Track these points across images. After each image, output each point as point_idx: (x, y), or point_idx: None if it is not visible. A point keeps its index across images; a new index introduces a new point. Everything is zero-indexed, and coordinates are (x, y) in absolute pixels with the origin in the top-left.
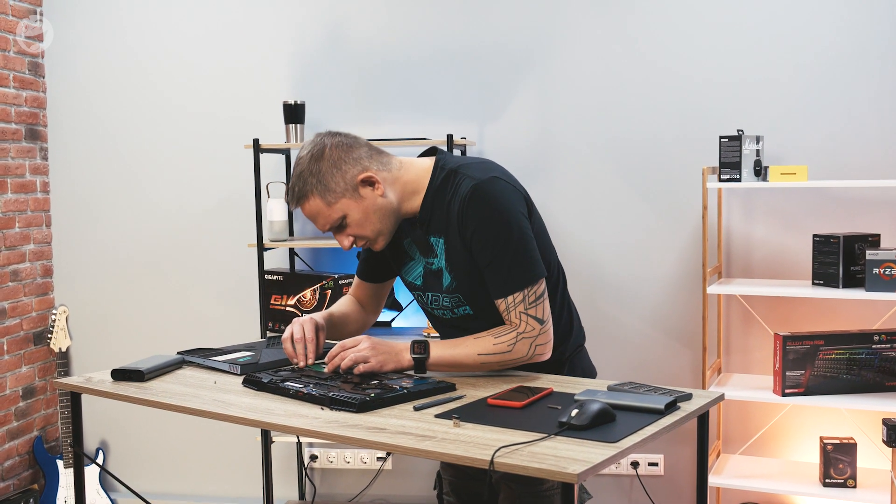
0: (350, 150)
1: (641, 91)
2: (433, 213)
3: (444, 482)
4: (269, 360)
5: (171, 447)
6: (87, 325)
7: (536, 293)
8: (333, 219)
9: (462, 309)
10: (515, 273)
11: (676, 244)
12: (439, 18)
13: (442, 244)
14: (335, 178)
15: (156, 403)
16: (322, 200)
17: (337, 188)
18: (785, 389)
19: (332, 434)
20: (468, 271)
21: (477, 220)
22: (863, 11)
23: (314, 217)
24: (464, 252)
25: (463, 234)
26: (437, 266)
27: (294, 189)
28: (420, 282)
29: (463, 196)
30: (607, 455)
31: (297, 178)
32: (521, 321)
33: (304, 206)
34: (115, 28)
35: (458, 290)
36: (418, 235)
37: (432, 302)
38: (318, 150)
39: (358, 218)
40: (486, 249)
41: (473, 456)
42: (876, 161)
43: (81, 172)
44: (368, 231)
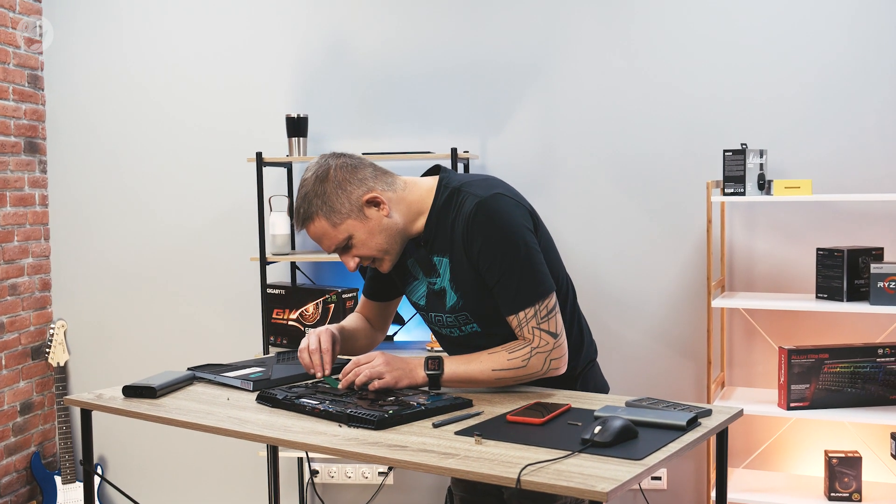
0: (355, 171)
1: (644, 105)
2: (437, 233)
3: (455, 498)
4: (281, 375)
5: (168, 462)
6: (85, 339)
7: (548, 307)
8: (339, 240)
9: (469, 327)
10: (525, 289)
11: (679, 258)
12: (442, 33)
13: (446, 263)
14: (340, 199)
15: (170, 421)
16: (328, 222)
17: (342, 209)
18: (790, 403)
19: (354, 452)
20: (475, 289)
21: (483, 237)
22: (866, 26)
23: (319, 238)
24: (470, 270)
25: (469, 252)
26: (439, 286)
27: (299, 211)
28: (423, 302)
29: (467, 214)
30: (635, 472)
31: (301, 200)
32: (534, 336)
33: (309, 228)
34: (116, 41)
35: (464, 309)
36: (422, 255)
37: (437, 321)
38: (323, 171)
39: (363, 238)
40: (495, 267)
41: (499, 474)
42: (880, 175)
43: (80, 186)
44: (374, 251)
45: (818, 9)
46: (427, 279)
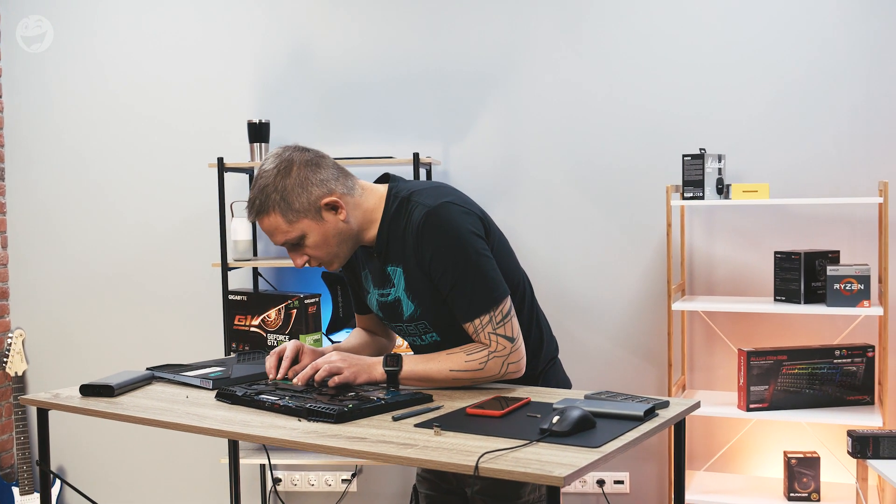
0: (317, 170)
1: (604, 112)
2: (389, 243)
3: (420, 496)
4: (241, 374)
5: (128, 472)
6: (44, 348)
7: (503, 312)
8: (291, 237)
9: (429, 336)
10: (479, 296)
11: (640, 263)
12: (405, 41)
13: (400, 273)
14: (300, 198)
15: (128, 418)
16: (283, 218)
17: (300, 208)
18: (749, 404)
19: (313, 444)
20: (430, 298)
21: (433, 247)
22: (820, 37)
23: (271, 232)
24: (424, 279)
25: (421, 262)
26: (393, 297)
27: (255, 202)
28: (381, 314)
29: (416, 224)
30: (591, 459)
31: (259, 191)
32: (491, 341)
33: (262, 220)
34: (77, 48)
35: (422, 318)
36: (375, 266)
37: (398, 330)
38: (286, 166)
39: (316, 240)
40: (447, 276)
41: (458, 462)
42: (835, 180)
43: (39, 194)
44: (324, 254)
45: (776, 19)
46: (378, 290)
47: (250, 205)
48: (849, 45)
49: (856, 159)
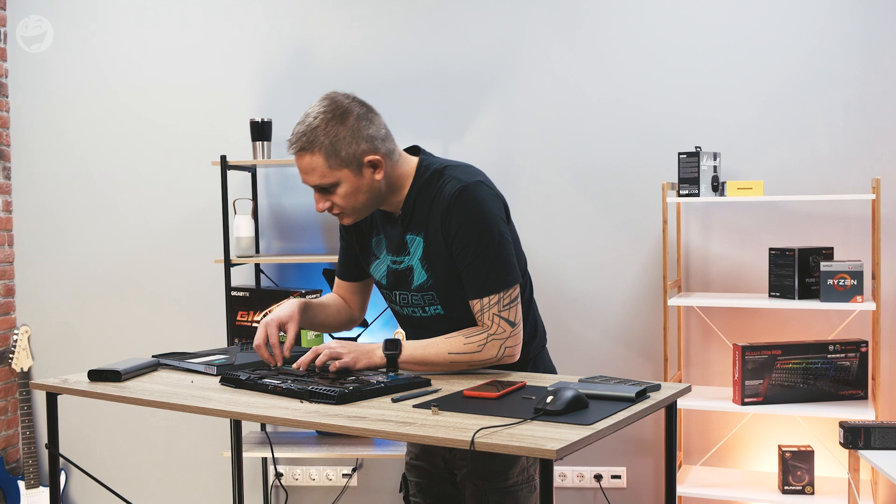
0: (369, 126)
1: (600, 111)
2: (414, 211)
3: (409, 484)
4: (244, 362)
5: (132, 465)
6: (49, 344)
7: (511, 297)
8: (326, 181)
9: (433, 308)
10: (493, 276)
11: (636, 259)
12: (404, 40)
13: (420, 242)
14: (348, 148)
15: (135, 400)
16: (325, 162)
17: (345, 158)
18: (744, 398)
19: (314, 423)
20: (447, 270)
21: (461, 220)
22: (815, 36)
23: (308, 171)
24: (443, 251)
25: (446, 233)
26: (405, 265)
27: (302, 137)
28: (385, 281)
29: (449, 196)
30: (583, 435)
31: (309, 129)
32: (493, 323)
33: (303, 157)
34: (82, 48)
35: (433, 289)
36: (394, 233)
37: (401, 300)
38: (342, 112)
39: (347, 191)
40: (468, 250)
41: (454, 438)
42: (828, 177)
43: (45, 192)
44: (349, 206)
45: (771, 18)
46: (390, 257)
47: (296, 139)
48: (842, 44)
49: (849, 157)
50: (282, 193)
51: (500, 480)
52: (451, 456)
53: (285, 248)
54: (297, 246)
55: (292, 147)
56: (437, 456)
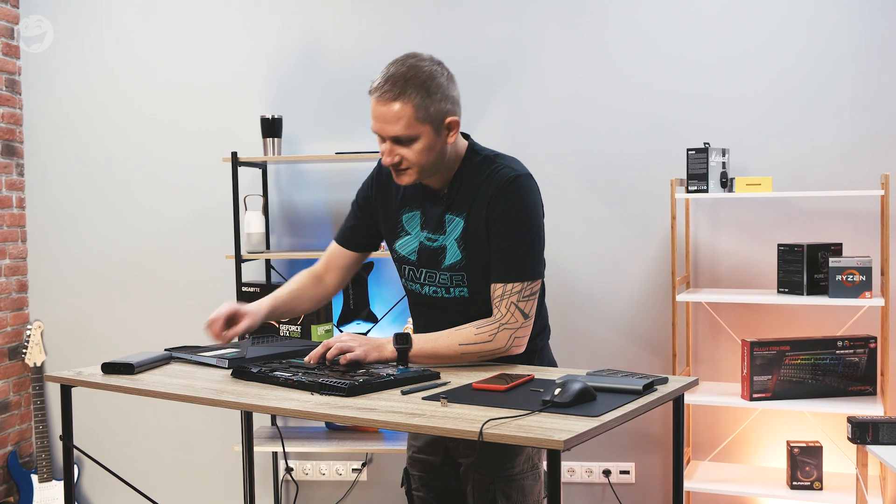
0: (455, 88)
1: (609, 107)
2: (459, 192)
3: (412, 478)
4: (256, 355)
5: (144, 460)
6: (62, 340)
7: (532, 289)
8: (405, 133)
9: (459, 290)
10: (522, 264)
11: (645, 256)
12: (413, 37)
13: (459, 223)
14: (437, 106)
15: (148, 392)
16: (413, 113)
17: (433, 114)
18: (753, 394)
19: (325, 414)
20: (482, 254)
21: (507, 206)
22: (823, 31)
23: (392, 120)
24: (484, 234)
25: (489, 215)
26: (440, 244)
27: (395, 84)
28: (415, 258)
29: (501, 182)
30: (591, 426)
31: (402, 78)
32: (508, 311)
33: (391, 104)
34: (94, 46)
35: (464, 270)
36: (434, 210)
37: (427, 279)
38: (433, 69)
39: (422, 148)
40: (505, 235)
41: (463, 429)
42: (837, 173)
43: (57, 189)
44: (418, 162)
45: (779, 15)
46: (425, 233)
47: (388, 85)
48: (850, 39)
49: (857, 152)
50: (292, 190)
51: (506, 469)
52: (455, 445)
53: (295, 244)
54: (307, 242)
55: (383, 92)
56: (440, 447)
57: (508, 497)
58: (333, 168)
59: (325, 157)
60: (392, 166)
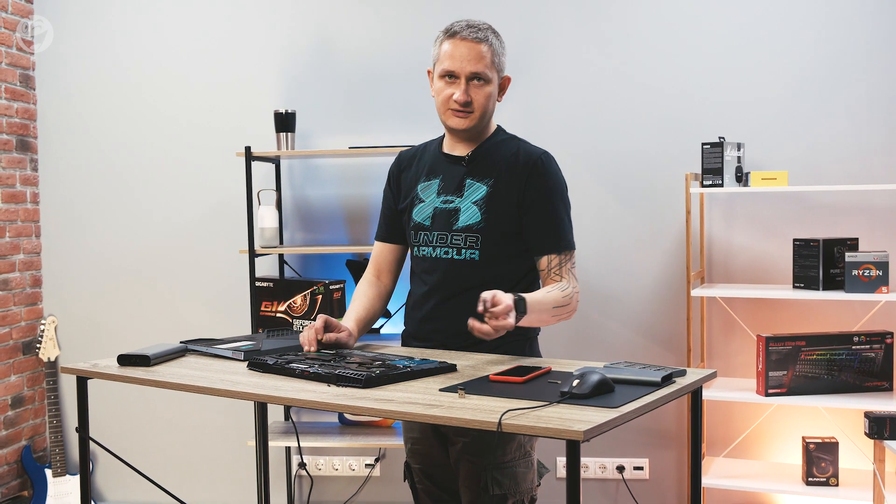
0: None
1: (624, 102)
2: (485, 159)
3: (413, 471)
4: (271, 348)
5: (157, 455)
6: (75, 334)
7: (574, 257)
8: (484, 72)
9: (469, 252)
10: (568, 237)
11: (659, 250)
12: (426, 30)
13: (482, 189)
14: (503, 59)
15: (165, 384)
16: (492, 56)
17: (500, 64)
18: (768, 390)
19: (342, 405)
20: (503, 221)
21: (546, 181)
22: (839, 25)
23: (477, 58)
24: (511, 203)
25: (525, 189)
26: (454, 205)
27: (480, 29)
28: (429, 223)
29: (533, 157)
30: (609, 417)
31: (485, 26)
32: (570, 277)
33: (478, 45)
34: (107, 40)
35: (480, 232)
36: (454, 172)
37: (439, 240)
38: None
39: (490, 92)
40: (549, 209)
41: (481, 419)
42: (852, 168)
43: (71, 183)
44: (483, 106)
45: (794, 10)
46: (442, 197)
47: (475, 27)
48: (867, 33)
49: (874, 147)
50: (305, 185)
51: (497, 456)
52: (447, 430)
53: (308, 239)
54: (320, 237)
55: (470, 32)
56: (436, 436)
57: (500, 484)
58: (347, 163)
59: (338, 152)
60: (462, 105)
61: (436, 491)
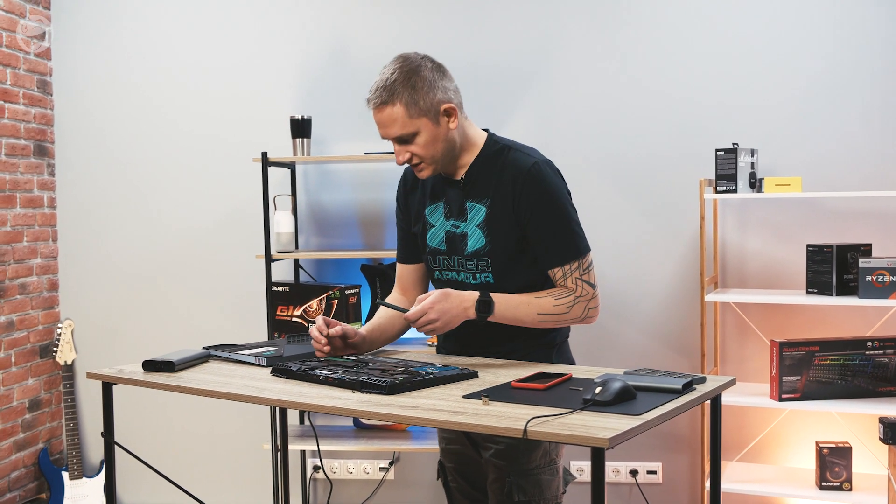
0: (443, 78)
1: (637, 107)
2: (477, 179)
3: (447, 469)
4: (293, 353)
5: (173, 459)
6: (92, 338)
7: (588, 261)
8: (406, 131)
9: (484, 276)
10: (572, 244)
11: (672, 257)
12: (440, 39)
13: (481, 210)
14: (426, 97)
15: (190, 390)
16: (406, 111)
17: (424, 107)
18: (782, 394)
19: (369, 412)
20: (506, 239)
21: (538, 194)
22: (853, 30)
23: (388, 123)
24: (510, 221)
25: (518, 205)
26: (462, 230)
27: (382, 91)
28: (444, 247)
29: (523, 169)
30: (633, 424)
31: (385, 82)
32: (577, 286)
33: (384, 110)
34: (123, 46)
35: (488, 255)
36: (454, 196)
37: (457, 264)
38: (416, 65)
39: (427, 140)
40: (546, 222)
41: (507, 426)
42: (866, 174)
43: (87, 188)
44: (428, 155)
45: (807, 15)
46: (451, 221)
47: (376, 94)
48: (880, 38)
49: (887, 152)
50: (320, 190)
51: (523, 463)
52: (477, 437)
53: (323, 244)
54: (335, 242)
55: (373, 101)
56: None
57: (524, 491)
58: (362, 168)
59: (353, 158)
60: (408, 164)
61: (469, 490)
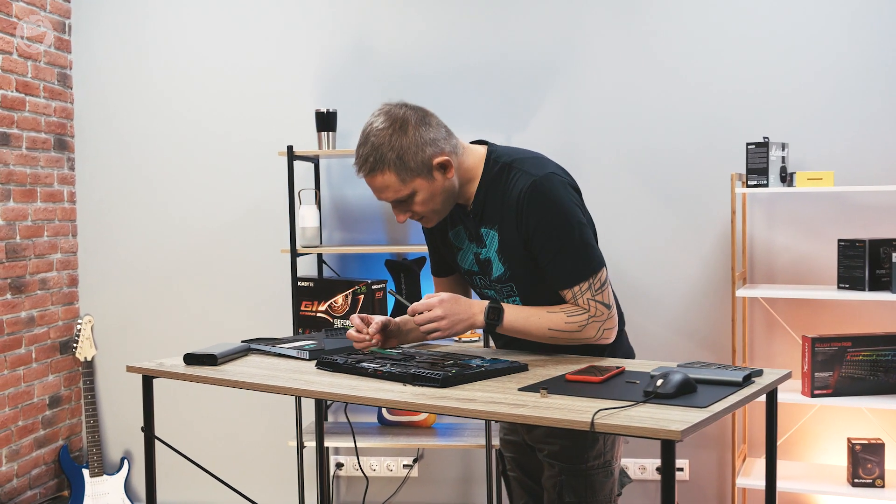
0: (429, 129)
1: (665, 101)
2: (486, 205)
3: (505, 459)
4: (333, 347)
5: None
6: (112, 334)
7: (601, 280)
8: (402, 195)
9: (512, 300)
10: (580, 265)
11: (700, 251)
12: (465, 33)
13: (494, 236)
14: (415, 158)
15: (236, 384)
16: (397, 177)
17: (414, 168)
18: (814, 390)
19: (426, 405)
20: (523, 263)
21: (537, 216)
22: (885, 24)
23: (382, 189)
24: (519, 245)
25: (522, 228)
26: (484, 256)
27: (369, 159)
28: (476, 268)
29: (522, 191)
30: (702, 417)
31: (373, 149)
32: (590, 306)
33: (375, 178)
34: (144, 40)
35: (511, 280)
36: (470, 225)
37: (491, 284)
38: (400, 125)
39: (425, 198)
40: (549, 245)
41: (572, 419)
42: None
43: (108, 183)
44: (429, 210)
45: (840, 6)
46: (473, 245)
47: (362, 161)
48: None
49: None
50: (343, 184)
51: (577, 463)
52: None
53: (347, 239)
54: (359, 237)
55: (361, 170)
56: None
57: (576, 491)
58: None
59: None
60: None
61: (527, 481)
